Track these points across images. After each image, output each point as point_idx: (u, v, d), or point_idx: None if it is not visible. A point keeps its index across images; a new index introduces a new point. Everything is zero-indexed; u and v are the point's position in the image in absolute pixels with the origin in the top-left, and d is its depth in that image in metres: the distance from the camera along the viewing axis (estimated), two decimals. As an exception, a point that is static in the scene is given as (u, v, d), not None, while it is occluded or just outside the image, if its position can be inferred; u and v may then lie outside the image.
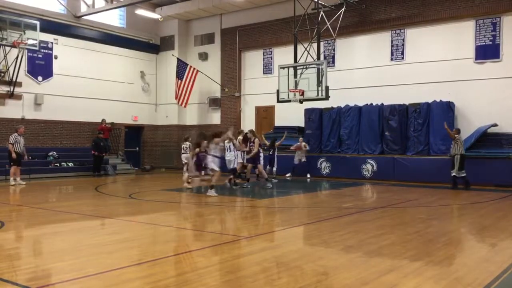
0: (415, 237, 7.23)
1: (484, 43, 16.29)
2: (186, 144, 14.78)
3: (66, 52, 20.42)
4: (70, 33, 20.66)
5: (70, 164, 19.52)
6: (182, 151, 15.04)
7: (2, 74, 18.22)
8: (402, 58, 17.98)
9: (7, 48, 17.86)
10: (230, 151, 13.91)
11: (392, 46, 18.22)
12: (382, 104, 17.70)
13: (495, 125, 15.43)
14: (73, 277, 4.87)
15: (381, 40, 18.45)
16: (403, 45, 17.99)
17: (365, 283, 4.68)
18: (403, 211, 10.40)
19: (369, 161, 16.26)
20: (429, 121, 16.62)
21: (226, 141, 13.58)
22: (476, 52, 16.46)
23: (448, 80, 16.84)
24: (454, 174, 13.97)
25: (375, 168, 15.74)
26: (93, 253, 6.03)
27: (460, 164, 13.84)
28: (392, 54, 18.21)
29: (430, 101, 16.78)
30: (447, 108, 16.38)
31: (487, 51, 16.21)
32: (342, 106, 18.54)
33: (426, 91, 16.99)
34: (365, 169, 16.60)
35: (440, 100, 16.59)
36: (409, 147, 16.94)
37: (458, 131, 14.36)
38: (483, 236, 7.61)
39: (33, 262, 5.71)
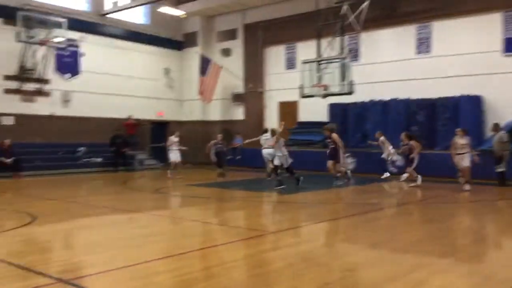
0: (442, 234, 7.12)
1: (513, 35, 15.84)
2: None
3: (93, 50, 20.66)
4: (96, 30, 20.95)
5: (98, 160, 19.86)
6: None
7: (31, 72, 18.61)
8: (428, 51, 17.65)
9: (35, 46, 18.24)
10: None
11: (418, 39, 17.90)
12: (409, 98, 17.43)
13: (526, 118, 15.01)
14: (102, 269, 4.98)
15: (406, 34, 18.12)
16: (429, 38, 17.65)
17: (393, 280, 4.64)
18: (430, 208, 10.24)
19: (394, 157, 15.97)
20: (457, 116, 16.26)
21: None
22: (504, 45, 16.05)
23: (476, 74, 16.44)
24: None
25: (400, 164, 15.47)
26: (122, 246, 6.14)
27: (495, 160, 13.49)
28: (418, 47, 17.91)
29: (458, 95, 16.43)
30: (476, 102, 16.00)
31: (517, 43, 15.76)
32: (367, 101, 18.33)
33: (453, 85, 16.61)
34: (391, 165, 16.33)
35: (468, 94, 16.24)
36: (437, 142, 16.61)
37: (495, 126, 13.92)
38: (513, 232, 7.44)
39: (64, 255, 5.86)
